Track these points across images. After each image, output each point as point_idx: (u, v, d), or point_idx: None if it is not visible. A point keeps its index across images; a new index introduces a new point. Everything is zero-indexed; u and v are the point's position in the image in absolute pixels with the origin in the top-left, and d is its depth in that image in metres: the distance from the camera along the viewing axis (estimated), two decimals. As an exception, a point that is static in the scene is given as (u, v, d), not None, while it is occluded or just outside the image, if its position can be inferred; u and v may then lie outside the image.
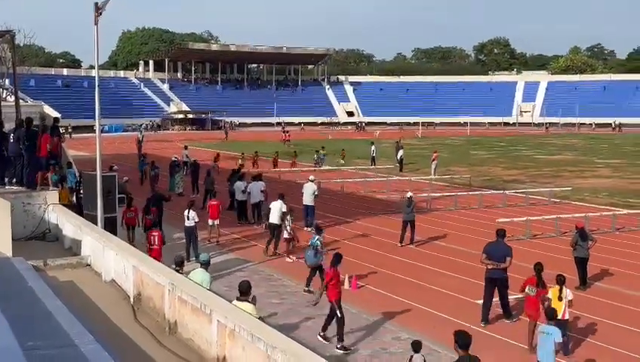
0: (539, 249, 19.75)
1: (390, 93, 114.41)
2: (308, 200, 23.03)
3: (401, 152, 43.23)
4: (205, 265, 11.82)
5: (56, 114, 23.33)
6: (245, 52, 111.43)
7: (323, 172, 38.54)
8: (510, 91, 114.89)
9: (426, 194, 29.34)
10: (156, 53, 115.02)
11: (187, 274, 11.44)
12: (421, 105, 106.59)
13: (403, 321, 13.55)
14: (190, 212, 18.26)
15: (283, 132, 69.43)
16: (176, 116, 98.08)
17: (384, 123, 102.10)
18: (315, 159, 42.79)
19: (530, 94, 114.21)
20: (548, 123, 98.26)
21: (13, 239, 11.59)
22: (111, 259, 10.39)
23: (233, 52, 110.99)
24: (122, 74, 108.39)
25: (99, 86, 15.31)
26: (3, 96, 25.51)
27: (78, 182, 18.29)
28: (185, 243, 18.45)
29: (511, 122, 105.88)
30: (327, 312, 12.56)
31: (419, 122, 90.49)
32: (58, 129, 18.89)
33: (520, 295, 13.21)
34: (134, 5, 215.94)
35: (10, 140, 14.79)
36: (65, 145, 23.79)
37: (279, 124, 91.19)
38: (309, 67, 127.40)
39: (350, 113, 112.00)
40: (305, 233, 20.64)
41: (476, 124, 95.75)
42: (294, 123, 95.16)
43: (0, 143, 14.90)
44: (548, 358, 10.22)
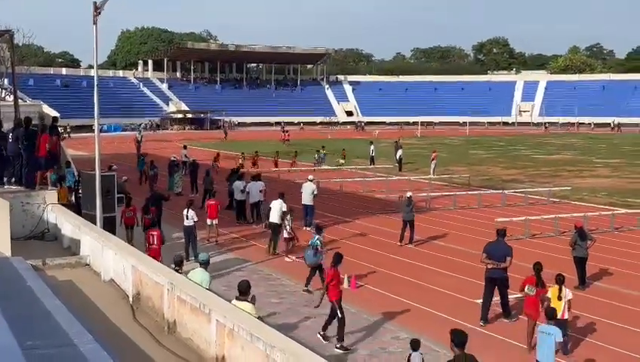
0: (538, 248, 19.76)
1: (389, 92, 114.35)
2: (307, 199, 23.04)
3: (400, 152, 43.23)
4: (205, 265, 11.82)
5: (55, 113, 23.27)
6: (244, 52, 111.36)
7: (323, 171, 38.65)
8: (509, 91, 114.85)
9: (425, 193, 29.36)
10: (155, 52, 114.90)
11: (186, 273, 11.45)
12: (420, 104, 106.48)
13: (402, 321, 13.56)
14: (189, 211, 18.27)
15: (282, 131, 69.42)
16: (175, 116, 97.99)
17: (383, 122, 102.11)
18: (316, 159, 42.83)
19: (529, 94, 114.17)
20: (547, 122, 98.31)
21: (12, 238, 11.59)
22: (110, 259, 10.39)
23: (232, 51, 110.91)
24: (121, 73, 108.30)
25: (98, 85, 15.31)
26: (2, 95, 25.51)
27: (77, 181, 18.28)
28: (184, 242, 18.47)
29: (510, 122, 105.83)
30: (326, 312, 12.56)
31: (418, 122, 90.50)
32: (57, 128, 18.87)
33: (520, 294, 13.22)
34: (133, 5, 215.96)
35: (8, 140, 14.77)
36: (64, 144, 23.79)
37: (278, 124, 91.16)
38: (308, 67, 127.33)
39: (349, 113, 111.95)
40: (304, 232, 20.66)
41: (475, 124, 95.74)
42: (293, 123, 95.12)
43: (-1, 143, 14.89)
44: (548, 358, 10.20)
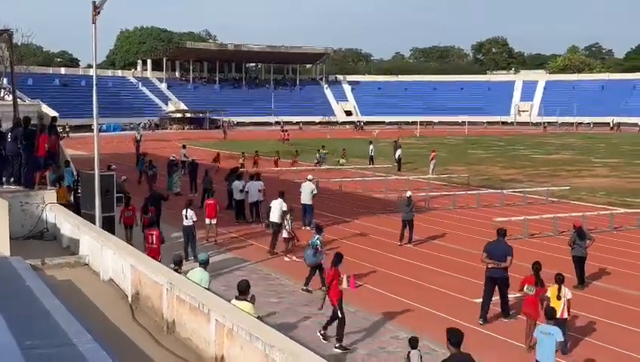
0: (537, 248, 19.77)
1: (388, 92, 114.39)
2: (306, 199, 23.05)
3: (399, 152, 43.23)
4: (204, 265, 11.82)
5: (54, 113, 23.22)
6: (243, 51, 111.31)
7: (324, 171, 38.71)
8: (508, 90, 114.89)
9: (424, 193, 29.37)
10: (154, 52, 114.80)
11: (186, 273, 11.46)
12: (419, 104, 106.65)
13: (401, 320, 13.56)
14: (188, 211, 18.27)
15: (282, 131, 69.44)
16: (174, 115, 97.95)
17: (382, 122, 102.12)
18: (317, 158, 42.87)
19: (528, 93, 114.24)
20: (546, 122, 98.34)
21: (11, 238, 11.60)
22: (109, 259, 10.39)
23: (231, 51, 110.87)
24: (120, 73, 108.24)
25: (97, 85, 15.31)
26: (1, 95, 25.43)
27: (76, 181, 18.27)
28: (183, 242, 18.47)
29: (509, 121, 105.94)
30: (328, 312, 12.55)
31: (417, 121, 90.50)
32: (56, 128, 18.87)
33: (519, 294, 13.22)
34: (133, 5, 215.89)
35: (7, 139, 14.77)
36: (63, 144, 23.76)
37: (278, 124, 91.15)
38: (307, 66, 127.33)
39: (348, 112, 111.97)
40: (303, 232, 20.67)
41: (474, 124, 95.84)
42: (292, 122, 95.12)
43: (-3, 142, 14.89)
44: (549, 358, 10.17)
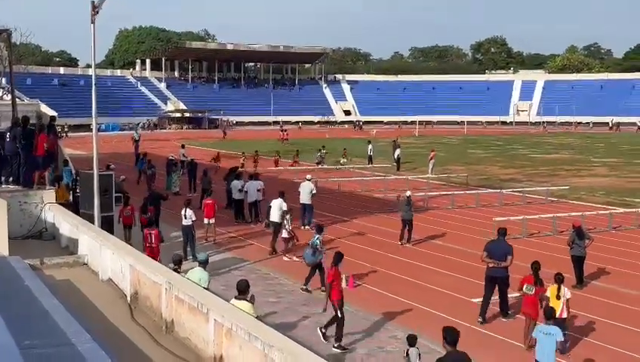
0: (536, 248, 19.77)
1: (387, 92, 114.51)
2: (305, 198, 23.05)
3: (398, 151, 43.23)
4: (203, 264, 11.81)
5: (52, 113, 23.19)
6: (242, 51, 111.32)
7: (325, 171, 38.75)
8: (507, 90, 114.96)
9: (423, 193, 29.37)
10: (153, 51, 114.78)
11: (185, 273, 11.45)
12: (418, 104, 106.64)
13: (400, 320, 13.56)
14: (187, 211, 18.26)
15: (281, 131, 69.44)
16: (173, 115, 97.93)
17: (381, 122, 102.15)
18: (318, 158, 42.91)
19: (527, 93, 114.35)
20: (545, 122, 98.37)
21: (9, 238, 11.59)
22: (108, 258, 10.38)
23: (230, 51, 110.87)
24: (119, 72, 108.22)
25: (96, 85, 15.31)
26: (-1, 94, 25.40)
27: (75, 180, 18.26)
28: (182, 242, 18.47)
29: (508, 121, 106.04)
30: (330, 312, 12.54)
31: (416, 121, 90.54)
32: (54, 128, 18.84)
33: (518, 294, 13.22)
34: (133, 5, 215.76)
35: (6, 139, 14.76)
36: (61, 143, 23.75)
37: (277, 123, 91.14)
38: (306, 66, 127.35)
39: (347, 112, 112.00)
40: (302, 232, 20.67)
41: (473, 123, 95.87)
42: (291, 122, 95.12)
43: (-4, 142, 14.88)
44: (549, 358, 10.16)
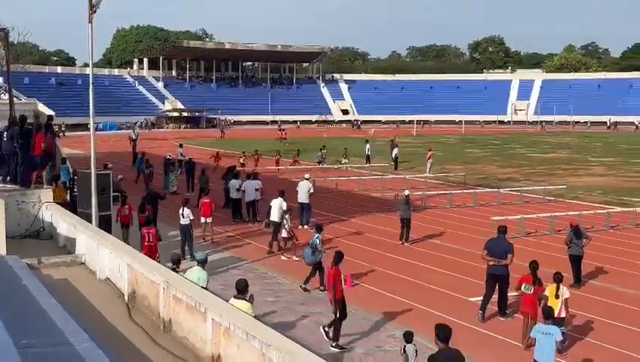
0: (533, 247, 19.77)
1: (385, 91, 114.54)
2: (303, 198, 23.05)
3: (395, 150, 43.25)
4: (202, 264, 11.81)
5: (50, 112, 23.19)
6: (240, 50, 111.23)
7: (320, 170, 38.76)
8: (505, 89, 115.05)
9: (421, 192, 29.38)
10: (150, 51, 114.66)
11: (184, 272, 11.45)
12: (416, 103, 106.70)
13: (398, 319, 13.56)
14: (185, 210, 18.24)
15: (279, 130, 69.43)
16: (170, 114, 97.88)
17: (379, 121, 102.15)
18: (319, 157, 42.94)
19: (524, 92, 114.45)
20: (544, 121, 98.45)
21: (7, 237, 11.58)
22: (105, 257, 10.37)
23: (228, 50, 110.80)
24: (116, 72, 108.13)
25: (93, 84, 15.28)
26: (-3, 94, 25.34)
27: (72, 179, 18.24)
28: (180, 241, 18.45)
29: (505, 120, 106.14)
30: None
31: (413, 120, 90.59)
32: (52, 127, 18.81)
33: (516, 293, 13.22)
34: (130, 4, 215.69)
35: (3, 138, 14.73)
36: (59, 142, 23.73)
37: (274, 122, 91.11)
38: (304, 65, 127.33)
39: (345, 111, 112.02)
40: (300, 231, 20.66)
41: (471, 123, 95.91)
42: (289, 121, 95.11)
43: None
44: (548, 358, 10.15)
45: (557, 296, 11.90)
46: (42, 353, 5.90)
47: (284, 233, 18.87)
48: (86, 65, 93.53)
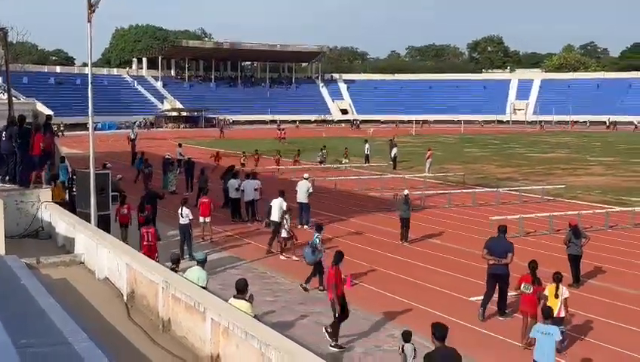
0: (532, 246, 19.77)
1: (384, 91, 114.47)
2: (302, 197, 23.05)
3: (394, 150, 43.26)
4: (202, 263, 11.79)
5: (49, 111, 23.23)
6: (239, 49, 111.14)
7: (320, 170, 38.75)
8: (504, 89, 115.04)
9: (420, 192, 29.38)
10: (149, 50, 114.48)
11: (183, 272, 11.44)
12: (415, 103, 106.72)
13: (397, 319, 13.55)
14: (184, 209, 18.23)
15: (279, 130, 69.41)
16: (169, 114, 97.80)
17: (378, 121, 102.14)
18: (320, 157, 42.99)
19: (523, 92, 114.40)
20: (542, 121, 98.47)
21: (6, 237, 11.57)
22: (104, 257, 10.36)
23: (227, 49, 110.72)
24: (115, 71, 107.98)
25: (92, 83, 15.26)
26: (-5, 93, 25.34)
27: (71, 179, 18.23)
28: (179, 240, 18.44)
29: (504, 120, 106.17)
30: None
31: (412, 120, 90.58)
32: (51, 127, 18.81)
33: (515, 292, 13.22)
34: (130, 3, 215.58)
35: (2, 138, 14.72)
36: (58, 142, 23.71)
37: (273, 122, 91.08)
38: (303, 65, 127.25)
39: (344, 111, 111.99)
40: (300, 231, 20.65)
41: (470, 122, 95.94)
42: (288, 121, 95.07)
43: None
44: (549, 358, 10.14)
45: (556, 296, 11.89)
46: (41, 353, 5.90)
47: (283, 233, 18.87)
48: (85, 64, 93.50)
